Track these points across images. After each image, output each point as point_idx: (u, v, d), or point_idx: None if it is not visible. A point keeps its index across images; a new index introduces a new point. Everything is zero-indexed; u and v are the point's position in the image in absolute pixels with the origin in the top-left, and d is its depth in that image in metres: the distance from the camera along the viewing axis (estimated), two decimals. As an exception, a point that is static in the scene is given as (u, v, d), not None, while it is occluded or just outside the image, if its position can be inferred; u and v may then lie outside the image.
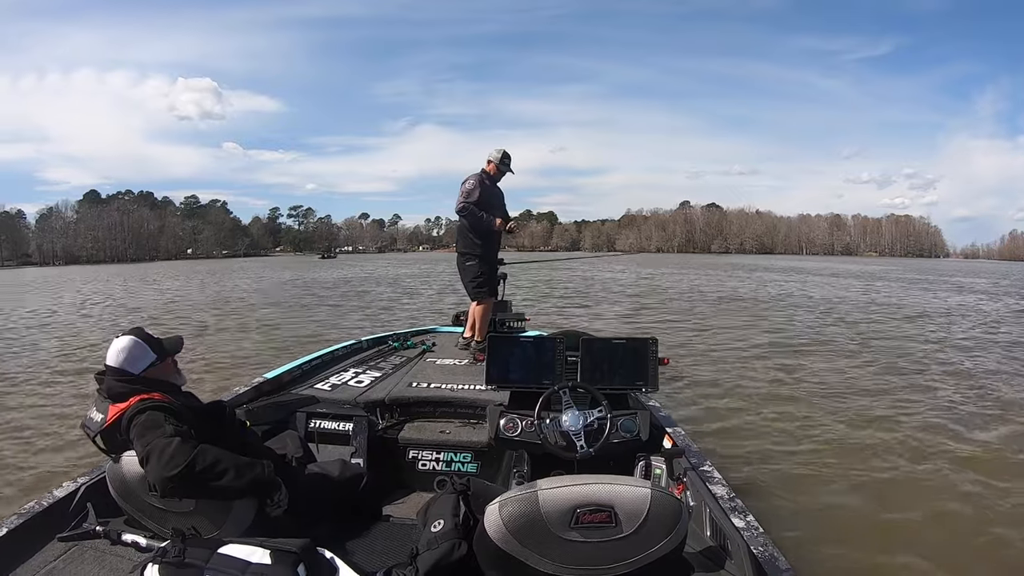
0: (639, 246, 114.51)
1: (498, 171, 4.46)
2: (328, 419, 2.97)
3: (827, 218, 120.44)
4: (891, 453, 4.27)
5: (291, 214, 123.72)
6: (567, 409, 2.39)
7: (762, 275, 30.07)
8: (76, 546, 1.83)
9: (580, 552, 1.43)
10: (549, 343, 2.76)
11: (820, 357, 7.83)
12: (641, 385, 2.69)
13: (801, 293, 18.77)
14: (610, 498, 1.43)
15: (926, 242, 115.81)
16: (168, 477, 1.67)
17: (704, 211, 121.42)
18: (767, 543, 1.79)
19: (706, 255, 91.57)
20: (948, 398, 5.74)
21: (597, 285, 21.82)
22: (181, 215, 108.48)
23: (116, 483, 1.87)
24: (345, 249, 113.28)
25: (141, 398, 1.84)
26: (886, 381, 6.41)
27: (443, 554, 1.63)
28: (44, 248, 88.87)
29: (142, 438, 1.74)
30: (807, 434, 4.70)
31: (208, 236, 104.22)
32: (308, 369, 3.77)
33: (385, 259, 68.40)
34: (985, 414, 5.20)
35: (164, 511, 1.83)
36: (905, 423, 4.94)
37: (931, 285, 23.85)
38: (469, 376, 3.57)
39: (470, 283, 4.47)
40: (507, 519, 1.43)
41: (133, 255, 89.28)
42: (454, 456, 2.92)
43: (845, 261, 69.80)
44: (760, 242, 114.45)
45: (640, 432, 2.48)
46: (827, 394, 5.88)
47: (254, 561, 1.44)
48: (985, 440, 4.55)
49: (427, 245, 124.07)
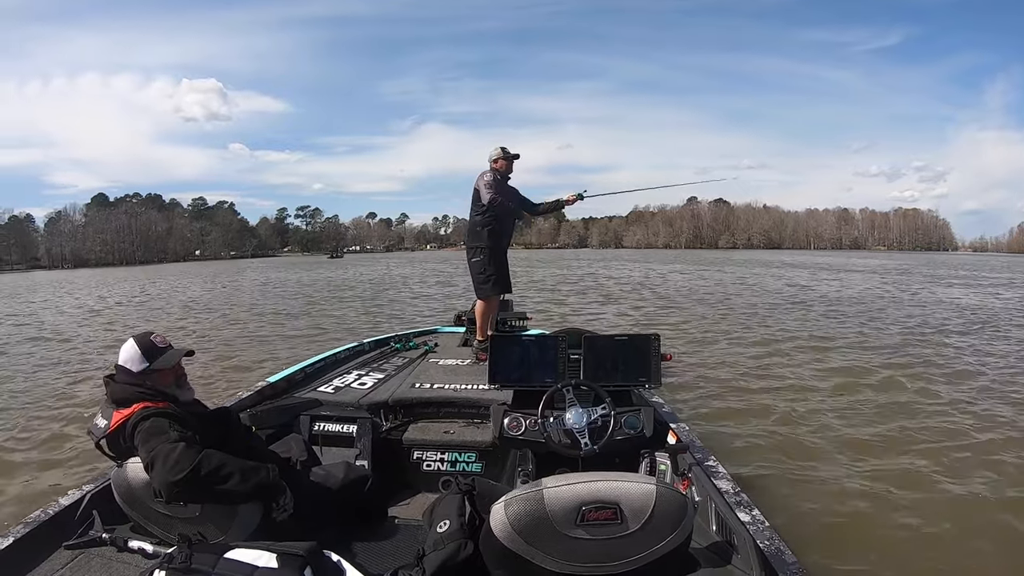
0: (646, 242, 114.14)
1: (507, 166, 4.42)
2: (332, 421, 2.98)
3: (835, 212, 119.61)
4: (902, 449, 4.24)
5: (299, 214, 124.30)
6: (571, 407, 2.39)
7: (780, 271, 29.70)
8: (83, 554, 1.84)
9: (586, 550, 1.43)
10: (551, 341, 2.75)
11: (826, 354, 7.78)
12: (644, 381, 2.68)
13: (809, 287, 18.69)
14: (615, 495, 1.43)
15: (934, 235, 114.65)
16: (173, 482, 1.68)
17: (711, 206, 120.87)
18: (773, 537, 1.79)
19: (714, 251, 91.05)
20: (974, 398, 5.54)
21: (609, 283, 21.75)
22: (189, 217, 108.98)
23: (121, 490, 1.88)
24: (352, 249, 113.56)
25: (145, 405, 1.85)
26: (903, 379, 6.34)
27: (449, 554, 1.64)
28: (53, 252, 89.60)
29: (146, 444, 1.75)
30: (813, 428, 4.67)
31: (216, 237, 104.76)
32: (311, 372, 3.78)
33: (391, 258, 68.46)
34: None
35: (170, 517, 1.83)
36: (918, 418, 4.89)
37: (961, 279, 23.51)
38: (472, 376, 3.58)
39: (475, 278, 4.47)
40: (513, 518, 1.43)
41: (142, 257, 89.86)
42: (458, 456, 2.93)
43: (855, 255, 69.25)
44: (768, 237, 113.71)
45: (644, 428, 2.47)
46: (833, 391, 5.84)
47: (261, 565, 1.44)
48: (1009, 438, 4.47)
49: (434, 244, 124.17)
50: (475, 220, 4.40)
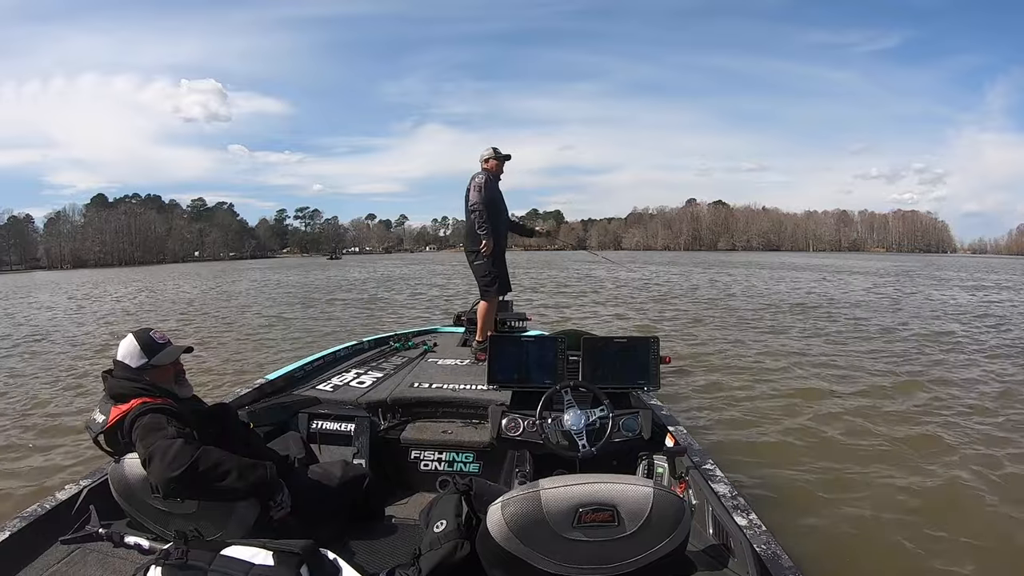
0: (645, 244, 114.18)
1: (499, 166, 4.42)
2: (330, 420, 2.97)
3: (834, 214, 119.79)
4: (900, 453, 4.23)
5: (298, 215, 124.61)
6: (569, 408, 2.39)
7: (782, 272, 29.76)
8: (79, 549, 1.84)
9: (583, 551, 1.43)
10: (550, 342, 2.75)
11: (829, 353, 7.79)
12: (643, 384, 2.68)
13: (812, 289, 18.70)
14: (612, 497, 1.43)
15: (933, 237, 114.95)
16: (171, 478, 1.68)
17: (710, 208, 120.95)
18: (770, 541, 1.79)
19: (712, 252, 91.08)
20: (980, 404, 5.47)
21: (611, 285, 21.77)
22: (188, 218, 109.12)
23: (119, 485, 1.88)
24: (352, 250, 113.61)
25: (143, 401, 1.85)
26: (900, 381, 6.34)
27: (446, 554, 1.64)
28: (52, 252, 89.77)
29: (144, 440, 1.75)
30: (811, 431, 4.67)
31: (215, 238, 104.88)
32: (310, 370, 3.77)
33: (391, 259, 68.43)
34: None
35: (167, 513, 1.83)
36: (919, 424, 4.89)
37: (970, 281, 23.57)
38: (471, 376, 3.57)
39: (479, 281, 4.47)
40: (509, 519, 1.43)
41: (140, 258, 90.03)
42: (456, 456, 2.92)
43: (852, 257, 69.27)
44: (766, 239, 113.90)
45: (642, 431, 2.47)
46: (834, 394, 5.84)
47: (257, 562, 1.44)
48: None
49: (434, 245, 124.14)
50: (473, 223, 4.40)
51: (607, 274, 26.07)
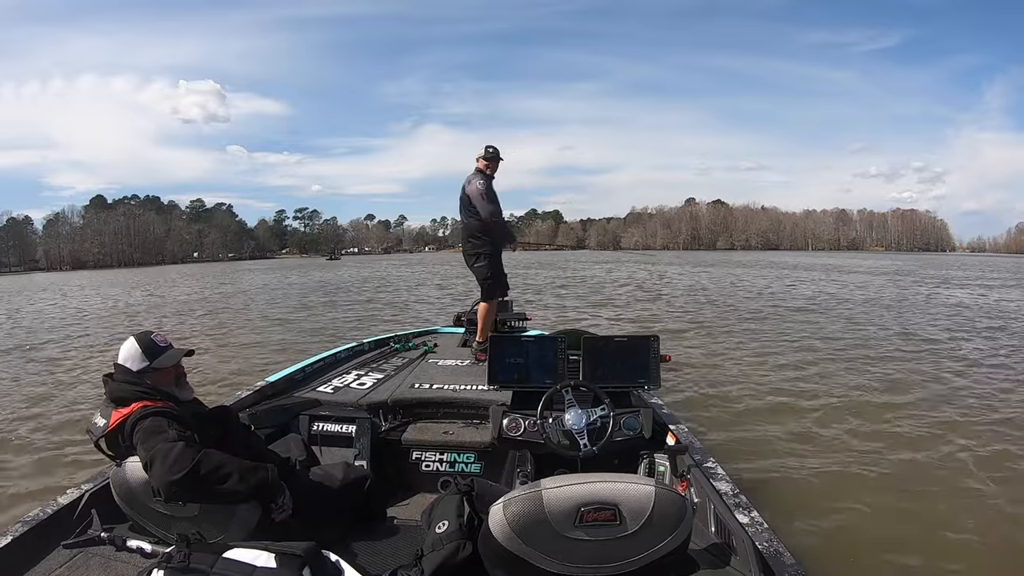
0: (644, 243, 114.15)
1: (494, 167, 4.41)
2: (331, 421, 2.97)
3: (833, 213, 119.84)
4: (900, 450, 4.24)
5: (297, 216, 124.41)
6: (570, 408, 2.38)
7: (783, 271, 29.72)
8: (81, 553, 1.83)
9: (585, 551, 1.43)
10: (550, 342, 2.74)
11: (831, 352, 7.80)
12: (643, 383, 2.68)
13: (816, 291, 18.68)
14: (614, 496, 1.43)
15: (932, 236, 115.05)
16: (172, 481, 1.67)
17: (709, 208, 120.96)
18: (772, 539, 1.79)
19: (712, 252, 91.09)
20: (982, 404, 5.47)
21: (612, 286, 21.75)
22: (187, 219, 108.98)
23: (120, 489, 1.88)
24: (351, 251, 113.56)
25: (144, 404, 1.85)
26: (898, 379, 6.36)
27: (448, 555, 1.64)
28: (51, 254, 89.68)
29: (145, 443, 1.74)
30: (812, 430, 4.68)
31: (214, 239, 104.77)
32: (310, 372, 3.77)
33: (390, 260, 68.42)
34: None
35: (169, 516, 1.83)
36: (918, 420, 4.90)
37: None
38: (471, 376, 3.57)
39: (481, 283, 4.47)
40: (511, 519, 1.43)
41: (139, 259, 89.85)
42: (457, 457, 2.92)
43: (851, 256, 69.28)
44: (765, 238, 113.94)
45: (643, 430, 2.46)
46: (834, 392, 5.85)
47: (259, 565, 1.44)
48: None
49: (433, 245, 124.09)
50: (472, 226, 4.38)
51: (607, 274, 26.03)
